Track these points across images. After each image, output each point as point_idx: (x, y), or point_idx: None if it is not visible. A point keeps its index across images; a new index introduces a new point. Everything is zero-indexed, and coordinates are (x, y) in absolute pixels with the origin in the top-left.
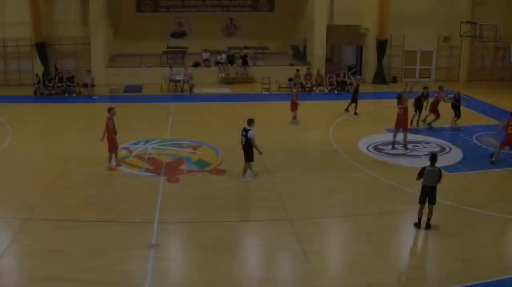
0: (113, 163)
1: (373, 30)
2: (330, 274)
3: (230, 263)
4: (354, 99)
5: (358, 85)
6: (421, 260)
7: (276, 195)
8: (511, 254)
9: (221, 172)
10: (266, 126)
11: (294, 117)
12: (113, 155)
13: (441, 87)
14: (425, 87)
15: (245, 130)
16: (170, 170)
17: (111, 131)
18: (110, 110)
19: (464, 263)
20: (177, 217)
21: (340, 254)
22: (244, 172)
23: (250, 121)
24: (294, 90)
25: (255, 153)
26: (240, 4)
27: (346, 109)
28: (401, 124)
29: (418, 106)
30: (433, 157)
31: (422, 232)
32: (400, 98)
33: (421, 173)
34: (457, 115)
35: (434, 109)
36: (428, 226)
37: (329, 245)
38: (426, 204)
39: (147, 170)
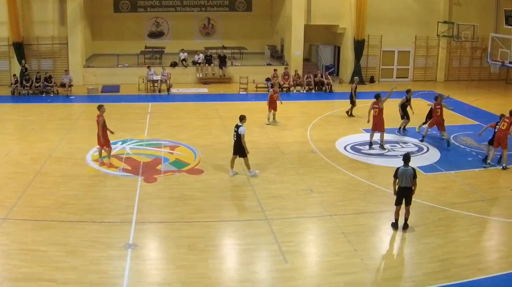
0: (104, 158)
1: (350, 30)
2: (307, 274)
3: (208, 263)
4: (353, 101)
5: (356, 87)
6: (398, 259)
7: (253, 195)
8: (488, 254)
9: (199, 171)
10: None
11: (273, 118)
12: (102, 149)
13: (409, 91)
14: (408, 91)
15: (237, 126)
16: (147, 170)
17: (102, 128)
18: (100, 107)
19: (441, 263)
20: (155, 217)
21: (317, 254)
22: (248, 167)
23: (242, 118)
24: (272, 90)
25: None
26: (218, 4)
27: (349, 114)
28: (377, 125)
29: (405, 112)
30: (406, 157)
31: (399, 231)
32: (377, 98)
33: (396, 174)
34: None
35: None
36: (405, 226)
37: (306, 244)
38: (403, 205)
39: (125, 170)
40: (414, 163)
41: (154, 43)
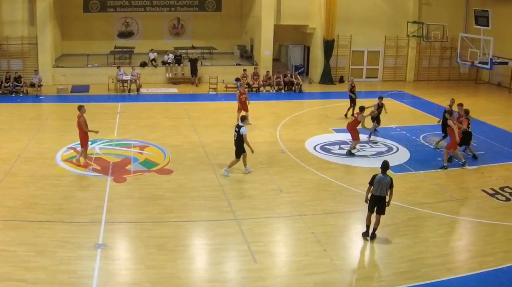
0: (82, 159)
1: (320, 30)
2: (276, 273)
3: (177, 263)
4: (353, 101)
5: (353, 86)
6: (367, 259)
7: (223, 195)
8: (458, 254)
9: (168, 172)
10: (213, 126)
11: (246, 118)
12: (85, 151)
13: (381, 98)
14: (380, 98)
15: (238, 126)
16: (117, 170)
17: (83, 128)
18: (80, 108)
19: (411, 263)
20: (124, 217)
21: (287, 254)
22: (245, 164)
23: (243, 118)
24: (240, 90)
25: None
26: (187, 4)
27: (346, 115)
28: (353, 135)
29: (376, 118)
30: (384, 165)
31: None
32: (361, 110)
33: (372, 181)
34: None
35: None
36: (373, 236)
37: (275, 244)
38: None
39: (95, 170)
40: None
41: (124, 43)
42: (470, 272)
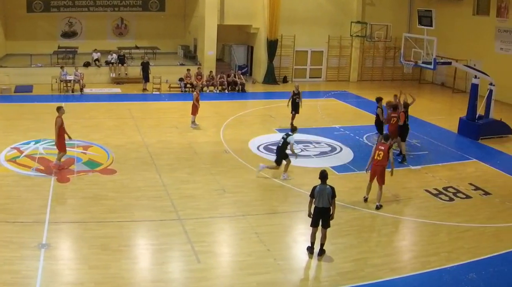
0: (59, 162)
1: (263, 30)
2: (220, 273)
3: (121, 263)
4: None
5: (296, 93)
6: (311, 260)
7: (166, 195)
8: (401, 254)
9: (112, 172)
10: (156, 126)
11: (193, 121)
12: (63, 153)
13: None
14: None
15: (286, 134)
16: (60, 170)
17: (59, 130)
18: (59, 109)
19: (354, 262)
20: (68, 217)
21: (230, 254)
22: (285, 170)
23: (294, 129)
24: (195, 93)
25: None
26: (131, 4)
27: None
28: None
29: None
30: (322, 175)
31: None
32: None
33: (312, 193)
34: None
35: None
36: (321, 252)
37: (219, 244)
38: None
39: (38, 170)
40: (327, 162)
41: (67, 43)
42: (413, 272)
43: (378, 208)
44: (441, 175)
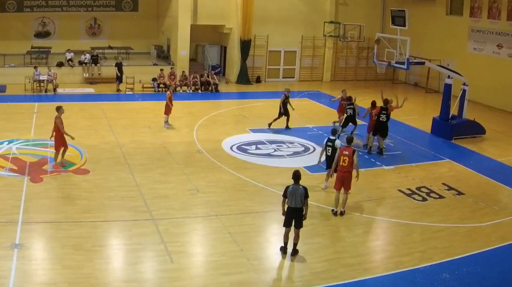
0: (58, 161)
1: (236, 30)
2: (193, 273)
3: (94, 263)
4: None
5: (286, 97)
6: (285, 259)
7: (140, 195)
8: (375, 254)
9: (85, 172)
10: (129, 126)
11: (166, 121)
12: (58, 153)
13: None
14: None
15: (331, 140)
16: (34, 170)
17: (60, 130)
18: (59, 109)
19: (328, 262)
20: (41, 217)
21: (204, 254)
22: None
23: (334, 132)
24: (168, 93)
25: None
26: (104, 4)
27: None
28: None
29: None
30: (295, 175)
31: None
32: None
33: (285, 193)
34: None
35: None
36: (294, 252)
37: (192, 244)
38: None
39: (11, 170)
40: (300, 162)
41: (41, 43)
42: (387, 272)
43: (342, 214)
44: (414, 175)
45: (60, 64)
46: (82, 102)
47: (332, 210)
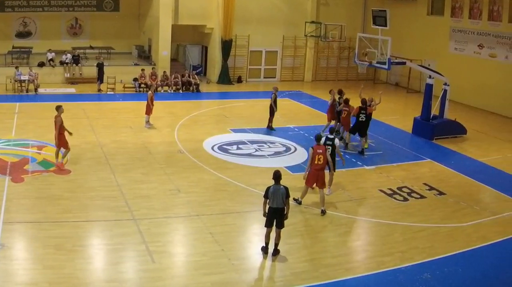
0: (61, 159)
1: (218, 30)
2: (174, 273)
3: (75, 263)
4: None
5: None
6: (266, 259)
7: (121, 195)
8: (356, 254)
9: (66, 172)
10: (111, 126)
11: (147, 121)
12: (58, 151)
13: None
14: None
15: (330, 139)
16: (15, 170)
17: (59, 129)
18: (58, 108)
19: (309, 262)
20: (23, 217)
21: (185, 254)
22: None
23: (332, 131)
24: (149, 93)
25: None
26: (85, 4)
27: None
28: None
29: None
30: (276, 175)
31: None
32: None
33: (266, 194)
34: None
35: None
36: (275, 252)
37: (173, 244)
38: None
39: None
40: (281, 163)
41: (22, 43)
42: (368, 272)
43: (324, 213)
44: (395, 175)
45: (41, 64)
46: (63, 102)
47: (297, 200)
